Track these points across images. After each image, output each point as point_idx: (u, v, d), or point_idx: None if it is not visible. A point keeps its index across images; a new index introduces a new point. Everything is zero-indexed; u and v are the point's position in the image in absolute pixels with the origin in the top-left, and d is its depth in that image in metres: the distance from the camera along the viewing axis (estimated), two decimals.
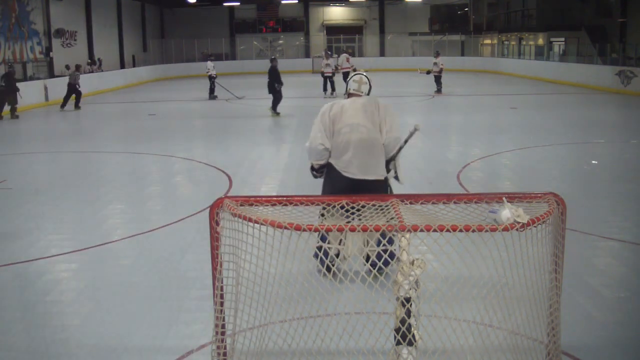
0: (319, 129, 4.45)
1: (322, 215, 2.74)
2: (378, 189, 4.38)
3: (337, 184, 4.42)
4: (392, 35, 36.60)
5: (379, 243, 2.82)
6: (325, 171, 4.57)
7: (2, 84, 15.83)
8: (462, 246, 2.38)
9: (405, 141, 4.58)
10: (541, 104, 17.41)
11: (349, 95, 4.70)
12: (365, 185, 4.35)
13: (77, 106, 17.82)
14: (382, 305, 2.63)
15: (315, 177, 4.70)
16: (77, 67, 18.73)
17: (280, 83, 14.87)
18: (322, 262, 2.46)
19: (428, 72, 19.87)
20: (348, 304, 2.76)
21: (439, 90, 19.70)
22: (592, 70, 22.09)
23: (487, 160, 9.49)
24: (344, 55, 20.19)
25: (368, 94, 4.69)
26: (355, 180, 4.36)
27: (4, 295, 4.66)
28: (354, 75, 4.81)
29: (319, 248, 2.48)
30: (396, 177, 4.66)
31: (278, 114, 14.93)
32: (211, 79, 19.59)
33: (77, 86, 17.81)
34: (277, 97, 14.99)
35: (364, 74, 4.81)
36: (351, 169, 4.37)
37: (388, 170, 4.56)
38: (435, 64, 19.55)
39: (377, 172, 4.42)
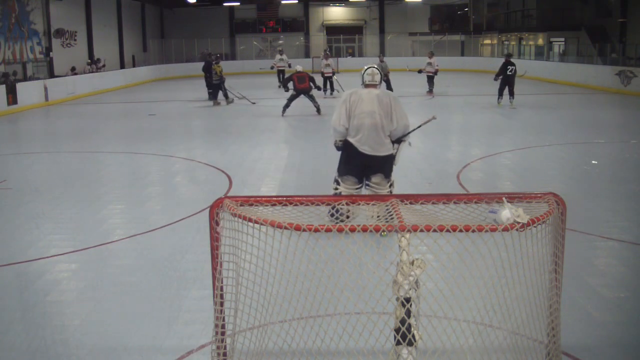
0: (341, 113, 5.44)
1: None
2: (385, 161, 5.53)
3: (352, 157, 5.50)
4: (392, 36, 36.59)
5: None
6: (343, 145, 5.59)
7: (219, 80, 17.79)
8: (462, 246, 2.38)
9: (419, 126, 5.92)
10: (541, 104, 17.41)
11: (366, 86, 5.62)
12: (375, 159, 5.45)
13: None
14: (382, 305, 2.63)
15: (338, 149, 5.70)
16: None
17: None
18: (335, 219, 2.58)
19: (420, 72, 19.83)
20: (348, 304, 2.75)
21: (430, 91, 19.66)
22: (592, 70, 22.08)
23: (487, 160, 9.49)
24: (278, 56, 23.06)
25: (380, 82, 5.70)
26: (367, 155, 5.42)
27: (4, 295, 4.66)
28: (367, 68, 5.73)
29: (332, 207, 2.74)
30: (394, 157, 5.62)
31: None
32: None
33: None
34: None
35: (375, 66, 5.79)
36: (364, 146, 5.41)
37: (393, 148, 5.59)
38: (429, 64, 19.48)
39: (383, 150, 5.47)
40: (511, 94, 16.15)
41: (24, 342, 3.87)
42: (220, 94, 17.89)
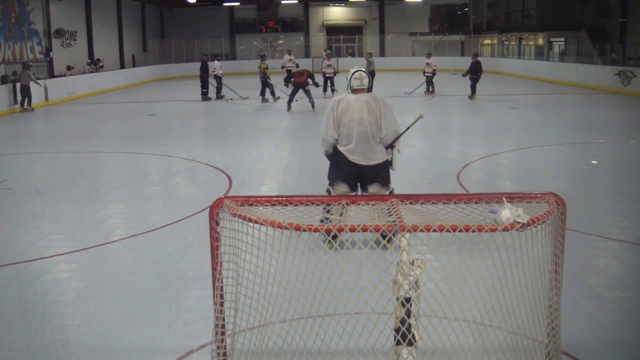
0: (329, 123, 5.19)
1: (328, 211, 2.95)
2: (378, 170, 5.21)
3: (342, 166, 5.22)
4: (392, 35, 36.59)
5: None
6: (333, 152, 5.32)
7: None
8: (462, 246, 2.38)
9: (408, 127, 5.44)
10: (541, 104, 17.41)
11: (354, 91, 5.29)
12: (368, 169, 5.16)
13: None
14: (382, 305, 2.63)
15: (329, 158, 5.43)
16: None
17: None
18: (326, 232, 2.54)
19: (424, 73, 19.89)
20: (348, 304, 2.75)
21: (429, 91, 19.64)
22: (592, 70, 22.08)
23: (487, 160, 9.49)
24: (286, 56, 22.70)
25: (368, 86, 5.39)
26: (359, 165, 5.14)
27: (4, 295, 4.66)
28: (354, 72, 5.35)
29: (323, 218, 2.71)
30: (390, 163, 5.33)
31: None
32: (217, 78, 19.61)
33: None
34: None
35: (362, 69, 5.43)
36: (355, 156, 5.13)
37: (387, 154, 5.29)
38: (427, 64, 19.48)
39: (376, 159, 5.16)
40: (475, 89, 18.27)
41: (24, 342, 3.87)
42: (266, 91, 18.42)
